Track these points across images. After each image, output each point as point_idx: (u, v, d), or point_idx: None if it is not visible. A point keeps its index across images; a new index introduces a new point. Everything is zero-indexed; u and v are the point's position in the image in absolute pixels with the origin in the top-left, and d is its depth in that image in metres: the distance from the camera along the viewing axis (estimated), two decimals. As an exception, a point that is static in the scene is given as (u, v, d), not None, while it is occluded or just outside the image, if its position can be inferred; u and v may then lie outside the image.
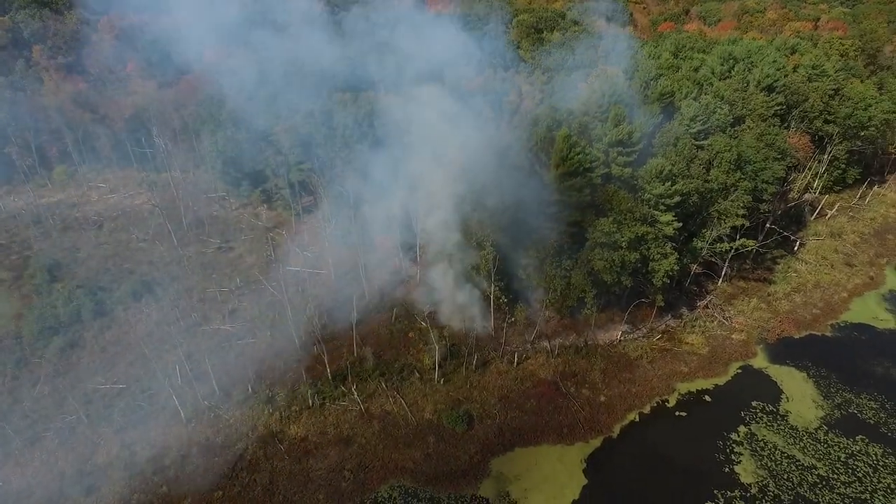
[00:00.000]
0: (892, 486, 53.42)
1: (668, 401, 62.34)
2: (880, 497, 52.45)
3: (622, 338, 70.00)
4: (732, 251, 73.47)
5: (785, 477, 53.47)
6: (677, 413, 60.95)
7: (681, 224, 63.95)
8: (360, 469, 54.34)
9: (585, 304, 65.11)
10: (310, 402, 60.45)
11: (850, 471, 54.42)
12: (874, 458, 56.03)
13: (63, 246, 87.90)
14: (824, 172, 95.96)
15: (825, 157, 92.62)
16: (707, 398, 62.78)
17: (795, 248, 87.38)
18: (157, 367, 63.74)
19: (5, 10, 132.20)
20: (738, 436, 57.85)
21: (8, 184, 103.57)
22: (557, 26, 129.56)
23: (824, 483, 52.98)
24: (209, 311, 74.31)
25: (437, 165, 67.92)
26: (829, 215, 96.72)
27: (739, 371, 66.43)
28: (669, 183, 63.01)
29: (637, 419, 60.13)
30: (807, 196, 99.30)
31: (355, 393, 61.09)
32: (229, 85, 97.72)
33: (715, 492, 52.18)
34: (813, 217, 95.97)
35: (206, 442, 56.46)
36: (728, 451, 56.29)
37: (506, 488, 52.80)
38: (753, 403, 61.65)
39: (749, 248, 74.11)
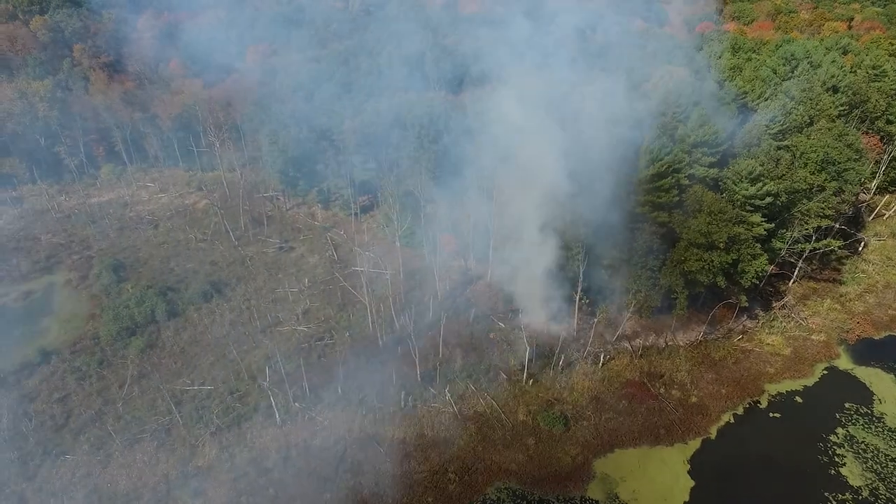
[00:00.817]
0: None
1: (759, 402, 62.07)
2: None
3: (703, 338, 69.69)
4: (808, 252, 73.21)
5: (895, 480, 53.20)
6: (771, 414, 60.69)
7: (772, 225, 63.66)
8: (464, 471, 53.96)
9: (676, 305, 64.71)
10: (402, 403, 60.06)
11: (958, 474, 54.23)
12: (978, 460, 55.75)
13: (122, 246, 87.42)
14: (882, 173, 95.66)
15: (885, 157, 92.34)
16: (798, 399, 62.51)
17: (860, 249, 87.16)
18: (243, 368, 63.53)
19: (44, 10, 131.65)
20: (838, 438, 57.58)
21: (58, 183, 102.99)
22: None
23: (936, 486, 52.85)
24: (281, 311, 73.79)
25: (518, 165, 67.46)
26: (886, 216, 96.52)
27: (825, 372, 66.19)
28: (760, 184, 62.70)
29: (732, 420, 59.85)
30: (862, 196, 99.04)
31: (448, 394, 60.72)
32: (286, 84, 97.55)
33: (826, 494, 51.93)
34: (871, 218, 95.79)
35: (304, 444, 56.00)
36: (830, 453, 56.01)
37: (614, 490, 52.48)
38: (846, 405, 61.41)
39: (830, 249, 73.87)
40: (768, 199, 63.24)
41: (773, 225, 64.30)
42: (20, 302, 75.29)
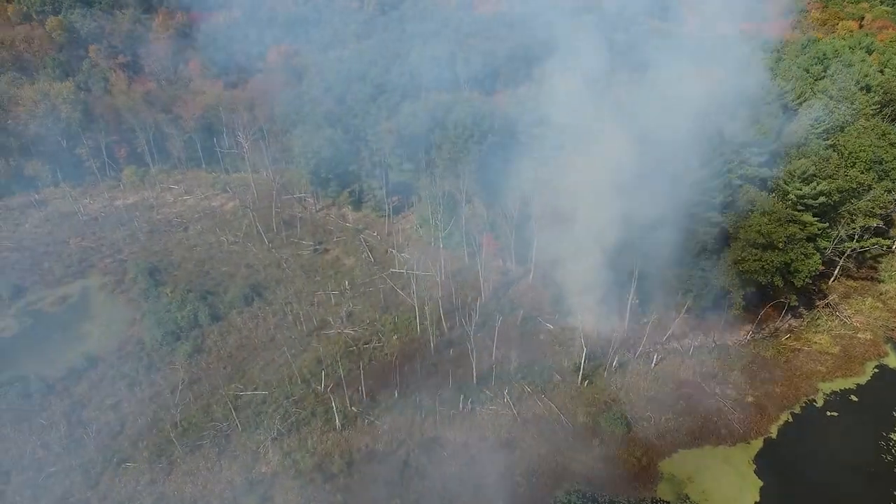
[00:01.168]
0: None
1: (815, 401, 62.11)
2: None
3: (751, 337, 69.72)
4: (849, 250, 73.49)
5: (961, 478, 53.51)
6: (828, 413, 60.75)
7: (826, 224, 63.80)
8: (531, 474, 53.51)
9: (726, 304, 64.62)
10: (459, 406, 59.53)
11: None
12: None
13: (153, 249, 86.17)
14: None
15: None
16: (853, 398, 62.62)
17: (894, 247, 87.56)
18: (296, 371, 62.77)
19: (57, 11, 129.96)
20: (898, 436, 57.86)
21: (80, 185, 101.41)
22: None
23: None
24: (324, 314, 72.97)
25: (566, 164, 67.13)
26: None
27: (877, 370, 66.35)
28: (814, 184, 62.79)
29: (791, 420, 59.84)
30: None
31: (507, 396, 60.28)
32: (316, 84, 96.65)
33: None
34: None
35: (367, 449, 55.27)
36: (894, 451, 56.12)
37: (683, 490, 52.31)
38: (902, 403, 61.71)
39: (877, 245, 74.27)
40: (821, 199, 63.34)
41: (826, 224, 64.42)
42: (57, 307, 74.12)
